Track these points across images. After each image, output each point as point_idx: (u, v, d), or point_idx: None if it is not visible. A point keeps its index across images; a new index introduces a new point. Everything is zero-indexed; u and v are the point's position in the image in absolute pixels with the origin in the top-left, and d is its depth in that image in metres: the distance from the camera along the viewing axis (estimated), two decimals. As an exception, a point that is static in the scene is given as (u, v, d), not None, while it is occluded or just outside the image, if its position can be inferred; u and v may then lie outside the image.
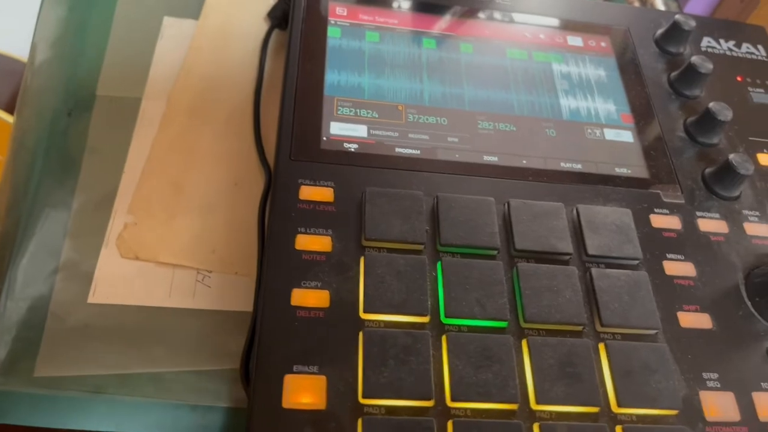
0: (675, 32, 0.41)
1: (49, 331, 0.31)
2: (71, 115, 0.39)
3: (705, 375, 0.29)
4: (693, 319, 0.30)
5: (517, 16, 0.41)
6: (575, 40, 0.41)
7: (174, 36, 0.44)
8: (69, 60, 0.41)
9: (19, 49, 0.68)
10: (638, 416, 0.27)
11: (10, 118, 0.60)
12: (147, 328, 0.32)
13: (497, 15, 0.41)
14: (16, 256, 0.33)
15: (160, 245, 0.34)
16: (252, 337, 0.31)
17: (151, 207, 0.36)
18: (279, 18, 0.44)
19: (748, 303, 0.32)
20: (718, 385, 0.29)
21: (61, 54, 0.42)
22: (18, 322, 0.32)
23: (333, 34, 0.37)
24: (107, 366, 0.31)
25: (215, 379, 0.31)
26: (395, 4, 0.40)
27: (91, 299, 0.32)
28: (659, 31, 0.42)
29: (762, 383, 0.29)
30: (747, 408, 0.28)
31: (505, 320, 0.28)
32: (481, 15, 0.41)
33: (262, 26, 0.45)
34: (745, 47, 0.44)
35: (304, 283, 0.28)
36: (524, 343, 0.28)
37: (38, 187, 0.36)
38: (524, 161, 0.34)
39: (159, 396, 0.31)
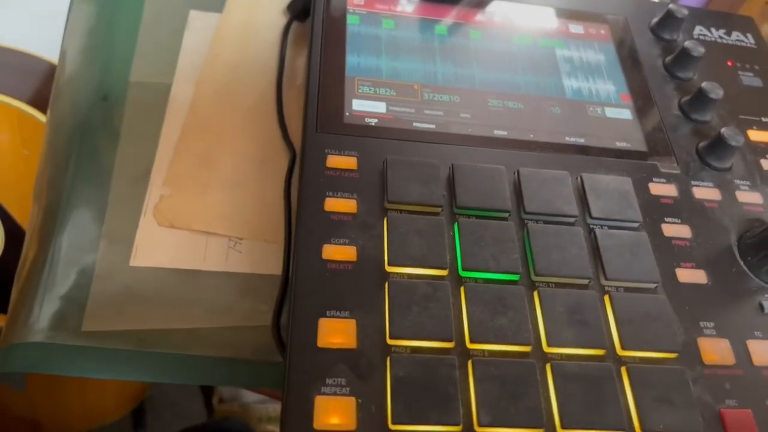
0: (669, 20, 0.44)
1: (95, 290, 0.34)
2: (107, 99, 0.41)
3: (702, 324, 0.31)
4: (689, 275, 0.33)
5: (521, 6, 0.44)
6: (576, 28, 0.44)
7: (200, 28, 0.47)
8: (102, 50, 0.44)
9: (38, 48, 0.71)
10: (641, 358, 0.30)
11: (37, 113, 0.63)
12: (184, 289, 0.35)
13: (503, 5, 0.44)
14: (61, 226, 0.36)
15: (193, 215, 0.37)
16: (282, 296, 0.33)
17: (185, 181, 0.38)
18: (297, 11, 0.47)
19: (741, 262, 0.34)
20: (714, 333, 0.31)
21: (94, 45, 0.44)
22: (66, 283, 0.34)
23: (352, 21, 0.40)
24: (148, 322, 0.33)
25: (247, 335, 0.34)
26: (409, -5, 0.43)
27: (132, 263, 0.35)
28: (654, 20, 0.45)
29: (755, 332, 0.32)
30: (741, 354, 0.31)
31: (517, 273, 0.31)
32: (489, 5, 0.44)
33: (282, 19, 0.48)
34: (735, 35, 0.47)
35: (333, 240, 0.31)
36: (535, 294, 0.31)
37: (78, 164, 0.39)
38: (531, 135, 0.37)
39: (195, 350, 0.33)
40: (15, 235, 0.57)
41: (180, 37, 0.46)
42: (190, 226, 0.37)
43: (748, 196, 0.37)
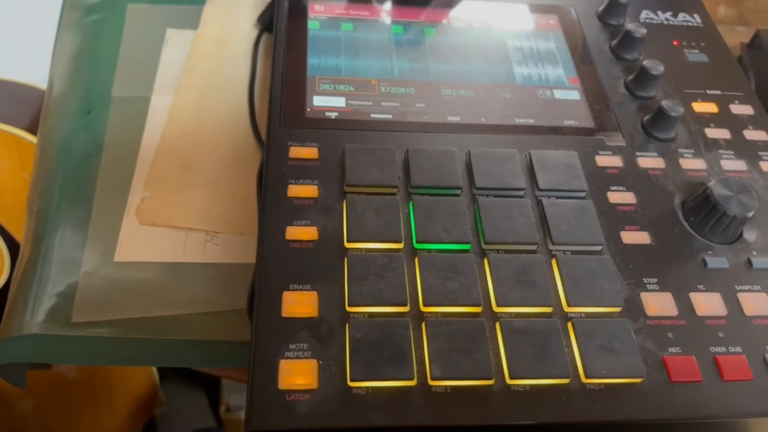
0: (614, 7, 0.46)
1: (82, 285, 0.36)
2: (90, 113, 0.45)
3: (645, 280, 0.34)
4: (634, 237, 0.35)
5: (476, 4, 0.47)
6: (527, 20, 0.46)
7: (177, 44, 0.50)
8: (85, 70, 0.48)
9: (37, 79, 0.75)
10: (586, 313, 0.32)
11: (34, 139, 0.67)
12: (165, 279, 0.37)
13: (457, 3, 0.47)
14: (51, 228, 0.39)
15: (173, 213, 0.40)
16: (255, 281, 0.36)
17: (165, 183, 0.41)
18: (267, 23, 0.50)
19: (685, 223, 0.36)
20: (657, 288, 0.33)
21: (78, 66, 0.48)
22: (57, 280, 0.37)
23: (313, 26, 0.43)
24: (132, 311, 0.36)
25: (225, 318, 0.36)
26: (366, 0, 0.46)
27: (116, 258, 0.38)
28: (600, 8, 0.47)
29: (698, 285, 0.34)
30: (684, 305, 0.33)
31: (468, 242, 0.33)
32: (444, 4, 0.46)
33: (253, 31, 0.51)
34: (682, 16, 0.49)
35: (296, 222, 0.33)
36: (485, 260, 0.33)
37: (65, 173, 0.42)
38: (483, 119, 0.40)
39: (177, 335, 0.36)
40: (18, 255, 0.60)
41: (158, 53, 0.49)
42: (170, 223, 0.39)
43: (691, 163, 0.39)
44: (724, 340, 0.32)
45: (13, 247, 0.72)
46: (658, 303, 0.33)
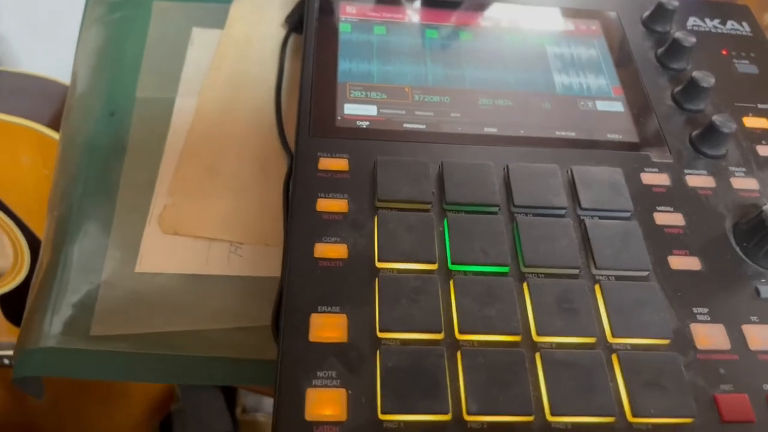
0: (660, 13, 0.44)
1: (102, 296, 0.35)
2: (114, 115, 0.43)
3: (695, 310, 0.31)
4: (682, 262, 0.33)
5: (513, 7, 0.45)
6: (568, 25, 0.44)
7: (203, 44, 0.48)
8: (109, 69, 0.46)
9: (60, 74, 0.74)
10: (632, 345, 0.30)
11: (55, 135, 0.66)
12: (187, 293, 0.36)
13: (496, 7, 0.45)
14: (72, 236, 0.38)
15: (196, 222, 0.38)
16: (281, 296, 0.34)
17: (188, 189, 0.40)
18: (296, 22, 0.49)
19: (737, 248, 0.34)
20: (708, 318, 0.31)
21: (102, 64, 0.47)
22: (76, 290, 0.36)
23: (344, 29, 0.42)
24: (153, 325, 0.35)
25: (249, 335, 0.35)
26: (399, 2, 0.44)
27: (137, 269, 0.36)
28: (646, 13, 0.45)
29: (751, 317, 0.32)
30: (737, 338, 0.31)
31: (506, 265, 0.31)
32: (480, 7, 0.44)
33: (281, 31, 0.50)
34: (730, 24, 0.46)
35: (324, 239, 0.32)
36: (525, 285, 0.31)
37: (87, 178, 0.40)
38: (522, 131, 0.38)
39: (199, 351, 0.34)
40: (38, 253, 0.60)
41: (184, 53, 0.48)
42: (193, 233, 0.38)
43: (743, 182, 0.37)
44: (779, 378, 0.30)
45: (35, 244, 0.72)
46: (708, 335, 0.31)
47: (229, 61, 0.47)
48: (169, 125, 0.43)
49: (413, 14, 0.43)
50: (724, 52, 0.44)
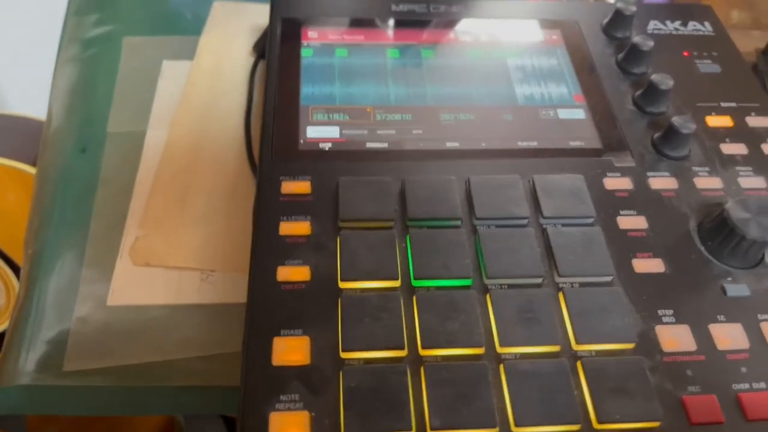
0: (618, 19, 0.44)
1: (74, 331, 0.36)
2: (85, 151, 0.44)
3: (660, 312, 0.31)
4: (646, 265, 0.33)
5: (473, 22, 0.45)
6: (528, 36, 0.45)
7: (173, 76, 0.49)
8: (82, 105, 0.47)
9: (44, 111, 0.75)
10: (596, 351, 0.30)
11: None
12: (159, 323, 0.36)
13: (455, 23, 0.45)
14: (46, 273, 0.38)
15: (167, 252, 0.39)
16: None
17: (159, 220, 0.40)
18: (263, 49, 0.50)
19: (702, 248, 0.34)
20: (673, 320, 0.31)
21: (75, 101, 0.47)
22: (49, 326, 0.36)
23: (306, 54, 0.42)
24: (126, 358, 0.35)
25: (221, 362, 0.35)
26: (361, 24, 0.44)
27: (109, 302, 0.37)
28: (605, 20, 0.45)
29: (718, 316, 0.32)
30: (704, 339, 0.31)
31: (468, 278, 0.31)
32: (440, 25, 0.45)
33: (250, 59, 0.51)
34: (692, 25, 0.47)
35: (287, 262, 0.32)
36: (488, 296, 0.31)
37: (60, 214, 0.41)
38: (483, 144, 0.38)
39: (171, 381, 0.34)
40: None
41: (155, 86, 0.48)
42: (164, 263, 0.38)
43: (707, 182, 0.37)
44: (747, 376, 0.30)
45: (22, 283, 0.72)
46: (674, 337, 0.31)
47: (198, 92, 0.48)
48: (140, 158, 0.43)
49: (375, 35, 0.44)
50: (685, 54, 0.45)
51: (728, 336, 0.31)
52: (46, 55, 0.67)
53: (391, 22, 0.45)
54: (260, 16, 0.53)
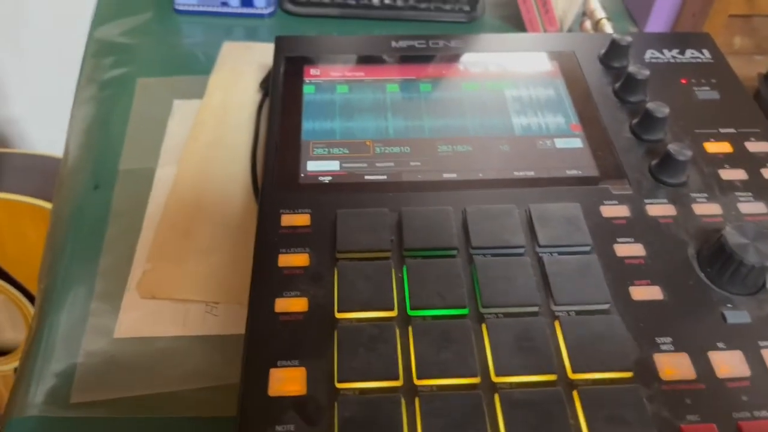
0: (615, 49, 0.45)
1: (82, 364, 0.36)
2: (98, 188, 0.46)
3: (658, 340, 0.31)
4: (644, 292, 0.33)
5: (471, 56, 0.47)
6: (526, 68, 0.46)
7: (183, 114, 0.51)
8: (96, 144, 0.49)
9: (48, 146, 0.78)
10: (593, 380, 0.30)
11: (40, 203, 0.69)
12: (164, 355, 0.37)
13: (453, 57, 0.46)
14: (56, 307, 0.39)
15: (173, 285, 0.40)
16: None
17: (166, 254, 0.41)
18: (269, 87, 0.51)
19: (701, 274, 0.34)
20: (672, 348, 0.31)
21: (90, 140, 0.49)
22: (58, 359, 0.37)
23: (308, 90, 0.44)
24: (132, 390, 0.36)
25: (226, 393, 0.36)
26: (361, 60, 0.46)
27: (116, 335, 0.38)
28: (602, 51, 0.46)
29: (718, 343, 0.31)
30: (703, 367, 0.30)
31: (464, 307, 0.32)
32: (439, 59, 0.46)
33: (256, 96, 0.52)
34: (689, 53, 0.47)
35: (285, 293, 0.32)
36: (483, 326, 0.31)
37: (72, 249, 0.42)
38: (480, 174, 0.39)
39: (177, 412, 0.35)
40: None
41: (165, 124, 0.50)
42: (169, 296, 0.39)
43: (705, 208, 0.37)
44: (748, 404, 0.29)
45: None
46: (673, 365, 0.30)
47: (207, 129, 0.49)
48: (149, 195, 0.45)
49: (375, 71, 0.45)
50: (683, 81, 0.45)
51: (728, 363, 0.31)
52: (68, 96, 0.70)
53: (391, 58, 0.46)
54: (268, 55, 0.54)
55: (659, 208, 0.37)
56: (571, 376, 0.30)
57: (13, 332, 0.82)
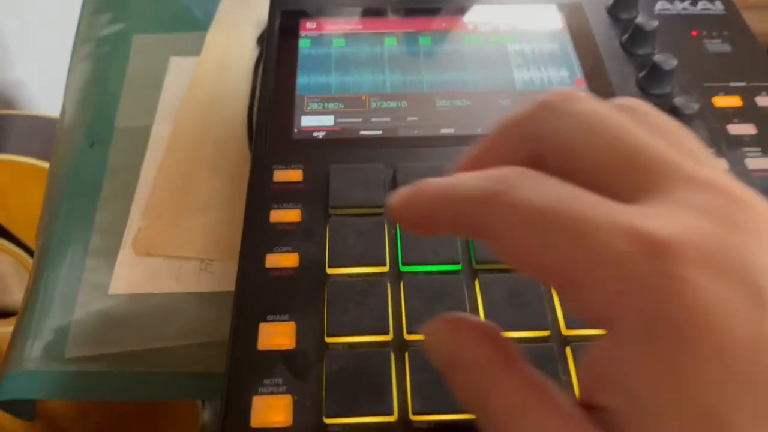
0: (623, 0, 0.43)
1: (77, 319, 0.37)
2: (93, 146, 0.45)
3: (656, 297, 0.30)
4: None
5: (474, 8, 0.45)
6: (529, 20, 0.44)
7: (180, 72, 0.50)
8: (92, 102, 0.48)
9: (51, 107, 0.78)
10: (586, 336, 0.29)
11: (44, 164, 0.69)
12: (158, 311, 0.37)
13: (455, 10, 0.45)
14: (52, 264, 0.39)
15: (168, 242, 0.39)
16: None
17: (161, 211, 0.41)
18: (267, 43, 0.50)
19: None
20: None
21: (86, 98, 0.49)
22: (54, 315, 0.37)
23: (303, 44, 0.42)
24: (126, 345, 0.36)
25: (219, 349, 0.35)
26: (359, 13, 0.44)
27: (111, 291, 0.38)
28: (610, 2, 0.44)
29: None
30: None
31: (457, 263, 0.31)
32: (439, 12, 0.45)
33: (255, 52, 0.51)
34: (701, 5, 0.45)
35: (276, 249, 0.32)
36: (476, 282, 0.31)
37: (69, 207, 0.42)
38: (479, 129, 0.37)
39: (171, 367, 0.35)
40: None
41: (162, 82, 0.49)
42: (164, 253, 0.39)
43: (711, 164, 0.36)
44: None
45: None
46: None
47: (203, 85, 0.48)
48: (145, 152, 0.44)
49: (372, 24, 0.44)
50: (693, 34, 0.43)
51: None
52: (67, 56, 0.69)
53: (390, 10, 0.45)
54: (266, 10, 0.53)
55: (663, 164, 0.36)
56: (565, 332, 0.29)
57: (22, 293, 0.83)
